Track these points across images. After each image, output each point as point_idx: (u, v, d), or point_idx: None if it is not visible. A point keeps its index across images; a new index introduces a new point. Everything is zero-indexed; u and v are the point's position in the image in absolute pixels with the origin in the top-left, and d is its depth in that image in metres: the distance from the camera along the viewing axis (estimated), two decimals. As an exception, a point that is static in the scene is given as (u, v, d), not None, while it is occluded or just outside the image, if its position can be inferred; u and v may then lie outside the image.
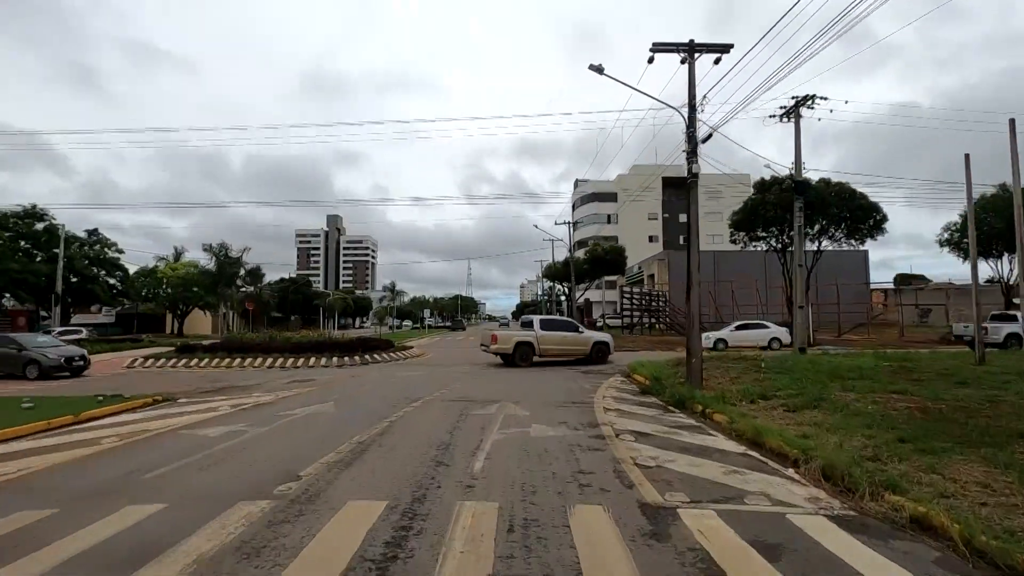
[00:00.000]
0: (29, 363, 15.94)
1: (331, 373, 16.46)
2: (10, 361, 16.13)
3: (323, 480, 5.19)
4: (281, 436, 7.35)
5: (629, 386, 13.33)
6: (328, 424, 8.08)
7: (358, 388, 12.51)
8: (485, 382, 13.54)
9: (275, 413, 8.95)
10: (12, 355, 16.18)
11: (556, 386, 12.87)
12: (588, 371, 16.53)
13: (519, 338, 17.93)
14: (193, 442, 6.97)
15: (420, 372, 16.07)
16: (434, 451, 6.35)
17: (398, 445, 6.70)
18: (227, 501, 4.51)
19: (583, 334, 19.19)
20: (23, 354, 16.14)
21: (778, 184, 26.38)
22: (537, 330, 18.21)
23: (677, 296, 41.61)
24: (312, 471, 5.49)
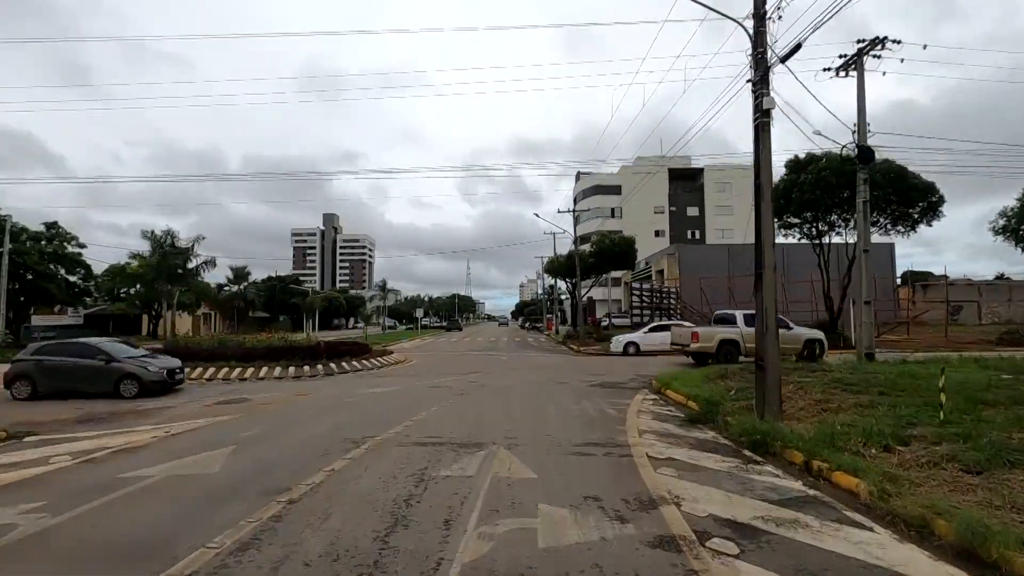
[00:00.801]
0: (125, 378, 12.39)
1: (278, 388, 13.04)
2: (98, 376, 12.42)
3: None
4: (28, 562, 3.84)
5: (665, 408, 9.92)
6: (174, 509, 4.60)
7: (293, 416, 9.05)
8: (472, 405, 10.10)
9: (114, 477, 5.46)
10: (99, 368, 12.44)
11: (566, 410, 9.45)
12: (603, 384, 13.10)
13: (723, 335, 16.54)
14: None
15: (392, 388, 12.63)
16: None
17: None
18: None
19: (793, 331, 17.14)
20: (114, 366, 12.51)
21: (815, 162, 22.98)
22: (742, 326, 16.57)
23: (689, 293, 38.18)
24: None
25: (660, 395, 11.63)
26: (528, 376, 15.00)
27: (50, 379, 12.23)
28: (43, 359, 12.38)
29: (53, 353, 12.58)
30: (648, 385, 12.99)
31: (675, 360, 19.27)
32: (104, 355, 12.60)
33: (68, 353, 12.61)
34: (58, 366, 12.33)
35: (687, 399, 10.20)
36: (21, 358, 12.64)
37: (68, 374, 12.32)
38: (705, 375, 12.90)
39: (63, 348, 12.89)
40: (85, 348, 12.87)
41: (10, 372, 12.35)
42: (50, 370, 12.28)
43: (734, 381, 11.54)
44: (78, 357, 12.47)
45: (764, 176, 8.33)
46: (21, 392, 12.07)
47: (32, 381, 12.14)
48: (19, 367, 12.39)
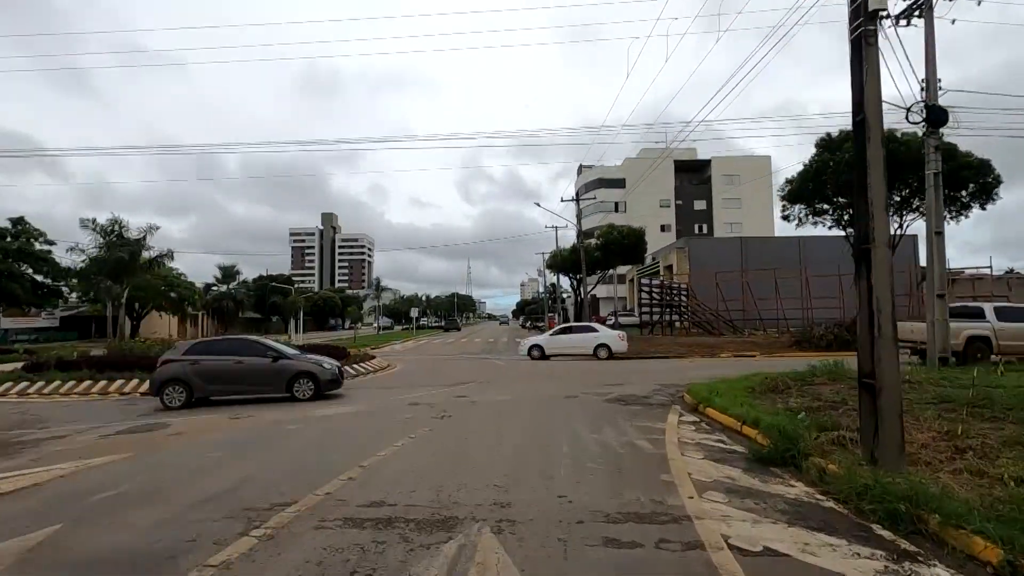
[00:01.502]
0: (300, 376, 10.96)
1: (214, 408, 10.53)
2: (268, 376, 10.97)
3: None
4: None
5: (713, 437, 7.41)
6: None
7: (193, 458, 6.40)
8: (453, 436, 7.54)
9: None
10: (268, 368, 10.96)
11: (582, 443, 6.92)
12: (622, 399, 10.58)
13: (972, 331, 14.33)
14: None
15: (356, 407, 10.01)
16: None
17: None
18: None
19: None
20: (285, 364, 11.08)
21: (852, 139, 20.40)
22: (993, 321, 14.21)
23: (699, 288, 35.62)
24: None
25: (698, 414, 9.12)
26: (530, 388, 12.49)
27: (209, 382, 10.70)
28: (199, 359, 10.76)
29: (209, 352, 11.05)
30: (678, 399, 10.48)
31: (622, 366, 16.78)
32: (273, 351, 11.20)
33: (225, 351, 11.18)
34: (219, 367, 10.76)
35: (740, 423, 7.68)
36: (171, 359, 10.93)
37: (231, 375, 10.79)
38: (749, 387, 10.39)
39: (218, 346, 11.52)
40: (246, 344, 11.56)
41: (159, 376, 10.59)
42: (209, 372, 10.69)
43: (794, 398, 9.03)
44: (239, 355, 11.02)
45: (871, 110, 5.76)
46: (175, 399, 10.43)
47: (187, 385, 10.51)
48: (170, 369, 10.60)
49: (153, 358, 14.27)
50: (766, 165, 62.27)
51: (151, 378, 10.93)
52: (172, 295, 44.39)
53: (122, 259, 21.20)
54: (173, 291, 45.16)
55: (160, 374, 10.69)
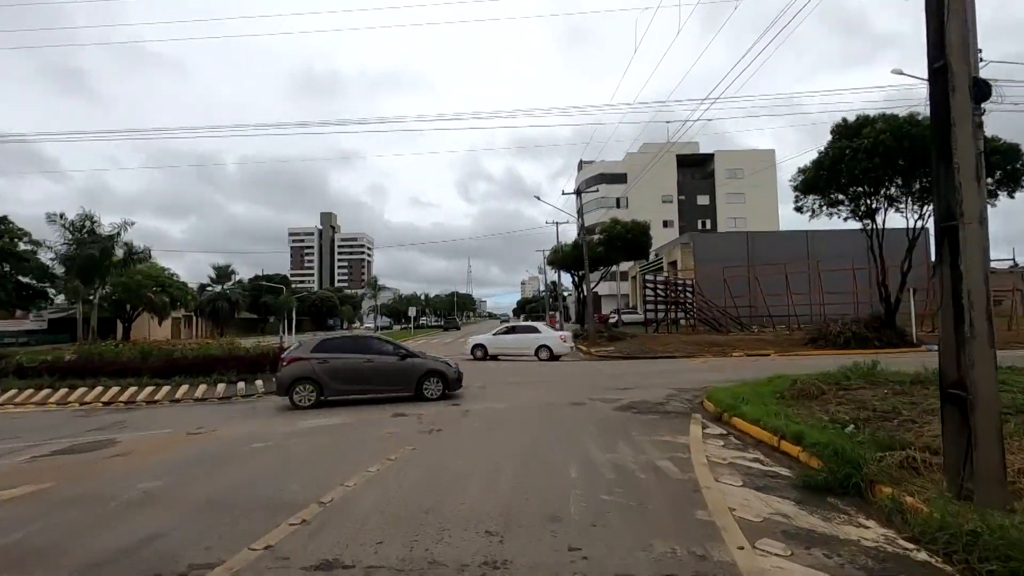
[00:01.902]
0: (429, 375, 10.57)
1: (176, 421, 9.41)
2: (397, 375, 10.51)
3: None
4: None
5: (747, 455, 6.29)
6: None
7: (114, 497, 5.18)
8: (439, 458, 6.42)
9: None
10: (397, 366, 10.54)
11: (595, 467, 5.82)
12: (634, 406, 9.46)
13: None
14: None
15: (334, 420, 8.86)
16: None
17: None
18: None
19: None
20: (414, 363, 10.68)
21: (870, 125, 19.27)
22: None
23: (705, 284, 34.47)
24: None
25: (723, 425, 8.01)
26: (530, 393, 11.39)
27: (339, 381, 10.25)
28: (328, 357, 10.28)
29: (336, 349, 10.56)
30: (697, 407, 9.37)
31: (629, 368, 15.63)
32: (400, 349, 10.89)
33: (352, 349, 10.73)
34: (349, 365, 10.35)
35: (778, 438, 6.56)
36: (299, 356, 10.45)
37: (361, 374, 10.36)
38: (776, 392, 9.28)
39: (344, 344, 11.02)
40: (372, 342, 11.21)
41: (288, 375, 10.13)
42: (339, 370, 10.23)
43: (833, 405, 7.91)
44: (368, 353, 10.60)
45: (955, 53, 4.63)
46: (304, 399, 10.00)
47: (318, 384, 10.08)
48: (299, 368, 10.14)
49: (122, 363, 13.21)
50: (770, 159, 61.07)
51: (278, 377, 10.37)
52: (164, 296, 43.23)
53: (92, 256, 19.95)
54: (165, 292, 44.03)
55: (288, 373, 10.13)
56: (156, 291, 43.57)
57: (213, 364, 12.87)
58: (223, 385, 11.97)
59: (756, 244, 39.39)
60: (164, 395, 11.48)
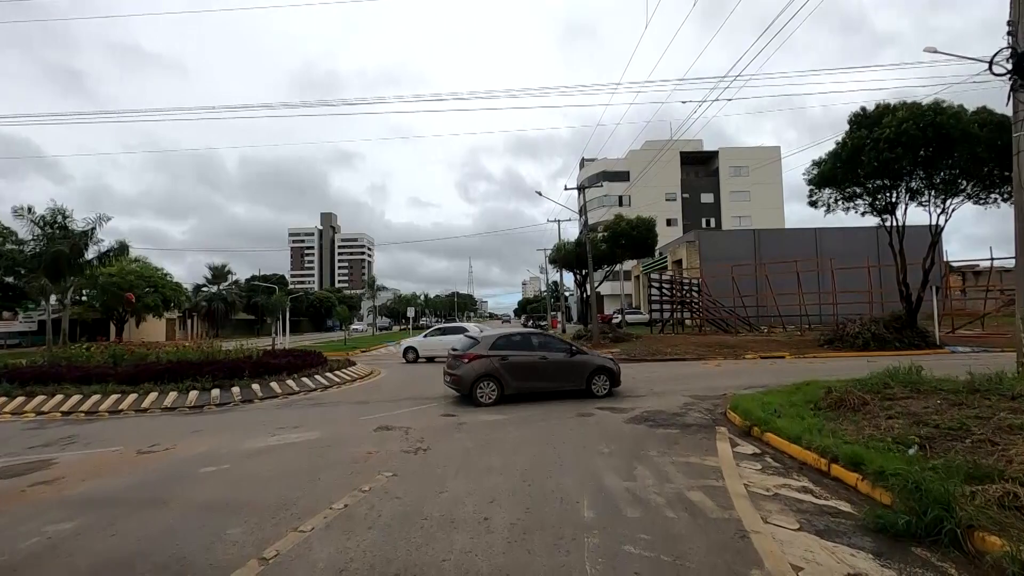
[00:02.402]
0: (598, 372, 10.61)
1: (132, 434, 8.38)
2: (568, 371, 10.51)
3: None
4: None
5: (796, 484, 5.24)
6: None
7: (13, 539, 4.21)
8: (421, 487, 5.38)
9: None
10: (567, 363, 10.56)
11: (612, 501, 4.80)
12: (649, 417, 8.42)
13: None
14: None
15: (307, 435, 7.75)
16: None
17: None
18: None
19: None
20: (583, 359, 10.75)
21: (891, 113, 18.18)
22: None
23: (714, 284, 33.39)
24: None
25: (754, 441, 6.96)
26: (530, 402, 10.32)
27: (518, 378, 10.26)
28: (507, 354, 10.34)
29: (511, 347, 10.56)
30: (720, 418, 8.32)
31: (638, 371, 14.49)
32: (568, 346, 10.94)
33: (526, 346, 10.71)
34: (527, 361, 10.39)
35: (827, 461, 5.52)
36: (480, 354, 10.39)
37: (538, 371, 10.39)
38: (808, 401, 8.22)
39: (517, 341, 10.85)
40: (544, 339, 11.17)
41: (471, 372, 10.13)
42: (517, 367, 10.28)
43: (882, 419, 6.84)
44: (541, 350, 10.66)
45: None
46: (486, 395, 10.04)
47: (499, 381, 10.13)
48: (481, 365, 10.16)
49: (88, 369, 12.18)
50: (776, 155, 59.95)
51: (462, 375, 10.22)
52: (157, 297, 42.24)
53: (61, 253, 18.66)
54: (158, 292, 43.04)
55: (471, 370, 10.15)
56: (148, 291, 42.59)
57: (187, 369, 11.80)
58: (195, 393, 10.91)
59: (763, 242, 38.32)
60: (130, 404, 10.42)
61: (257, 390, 11.43)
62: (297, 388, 12.08)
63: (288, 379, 12.43)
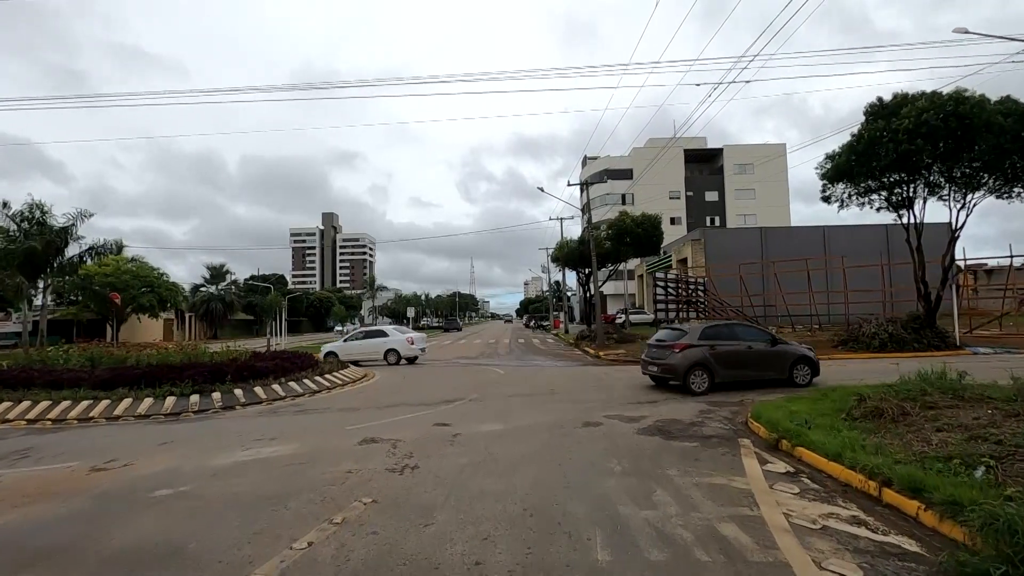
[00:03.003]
0: (800, 361, 10.95)
1: (88, 448, 7.67)
2: (769, 359, 10.88)
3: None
4: None
5: (845, 513, 4.46)
6: None
7: None
8: (398, 535, 4.64)
9: None
10: (769, 351, 10.90)
11: (626, 541, 4.02)
12: (663, 428, 7.66)
13: None
14: None
15: (286, 448, 7.02)
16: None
17: None
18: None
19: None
20: (783, 348, 11.03)
21: (910, 103, 17.34)
22: None
23: (720, 283, 32.54)
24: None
25: (784, 456, 6.19)
26: (535, 409, 9.58)
27: (726, 367, 10.65)
28: (715, 344, 10.71)
29: (719, 337, 10.88)
30: (741, 428, 7.55)
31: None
32: (769, 335, 11.24)
33: (732, 336, 11.02)
34: (733, 351, 10.75)
35: (877, 484, 4.75)
36: (691, 344, 10.75)
37: (744, 360, 10.77)
38: (839, 410, 7.44)
39: (725, 331, 11.16)
40: (747, 329, 11.51)
41: (685, 361, 10.59)
42: (725, 356, 10.68)
43: (930, 429, 6.06)
44: (746, 340, 10.97)
45: None
46: (699, 384, 10.50)
47: (709, 370, 10.55)
48: (693, 355, 10.58)
49: (59, 373, 11.42)
50: (781, 153, 59.06)
51: (675, 363, 10.58)
52: (153, 297, 41.59)
53: (34, 250, 17.87)
54: (154, 292, 42.40)
55: (684, 359, 10.57)
56: (144, 292, 41.95)
57: (167, 373, 11.05)
58: (173, 399, 10.17)
59: (770, 240, 37.48)
60: (101, 411, 9.68)
61: (240, 395, 10.69)
62: (283, 393, 11.33)
63: (274, 383, 11.68)
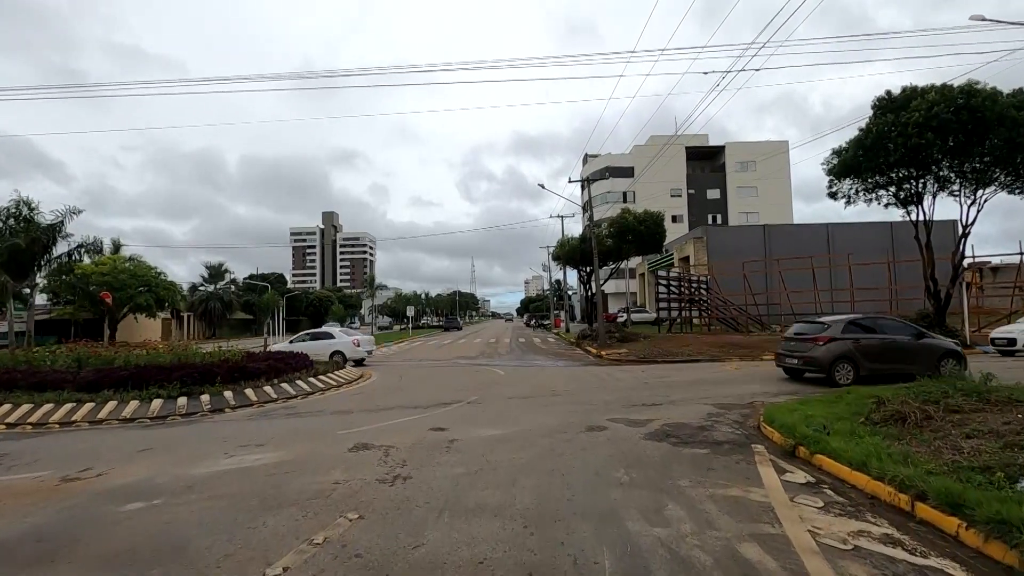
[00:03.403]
0: (947, 355, 10.96)
1: (76, 451, 7.32)
2: (914, 353, 10.87)
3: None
4: None
5: (876, 531, 4.06)
6: None
7: None
8: (383, 557, 4.27)
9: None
10: (913, 344, 11.02)
11: (637, 564, 3.58)
12: (670, 432, 7.26)
13: None
14: None
15: (271, 455, 6.69)
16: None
17: None
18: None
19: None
20: (928, 342, 11.18)
21: (921, 97, 16.91)
22: None
23: (723, 281, 32.13)
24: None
25: (802, 464, 5.79)
26: (535, 411, 9.20)
27: (871, 359, 10.78)
28: (859, 337, 10.92)
29: (862, 330, 11.08)
30: (754, 433, 7.15)
31: (651, 373, 13.23)
32: (914, 328, 11.44)
33: (873, 329, 11.22)
34: (877, 344, 10.93)
35: (909, 498, 4.35)
36: (834, 337, 10.92)
37: (888, 353, 10.89)
38: (857, 414, 7.06)
39: (868, 324, 11.37)
40: (890, 323, 11.65)
41: (829, 354, 10.78)
42: (870, 349, 10.85)
43: (959, 436, 5.66)
44: (886, 333, 11.16)
45: None
46: (844, 376, 10.62)
47: (854, 363, 10.74)
48: (838, 347, 10.79)
49: (42, 374, 11.04)
50: (783, 149, 58.58)
51: (819, 356, 10.84)
52: (150, 296, 41.18)
53: (17, 247, 17.38)
54: (151, 292, 41.99)
55: (829, 352, 10.77)
56: (142, 291, 41.57)
57: (155, 375, 10.67)
58: (159, 401, 9.79)
59: (773, 238, 37.05)
60: (84, 415, 9.30)
61: (230, 398, 10.30)
62: (275, 395, 10.94)
63: (266, 385, 11.29)
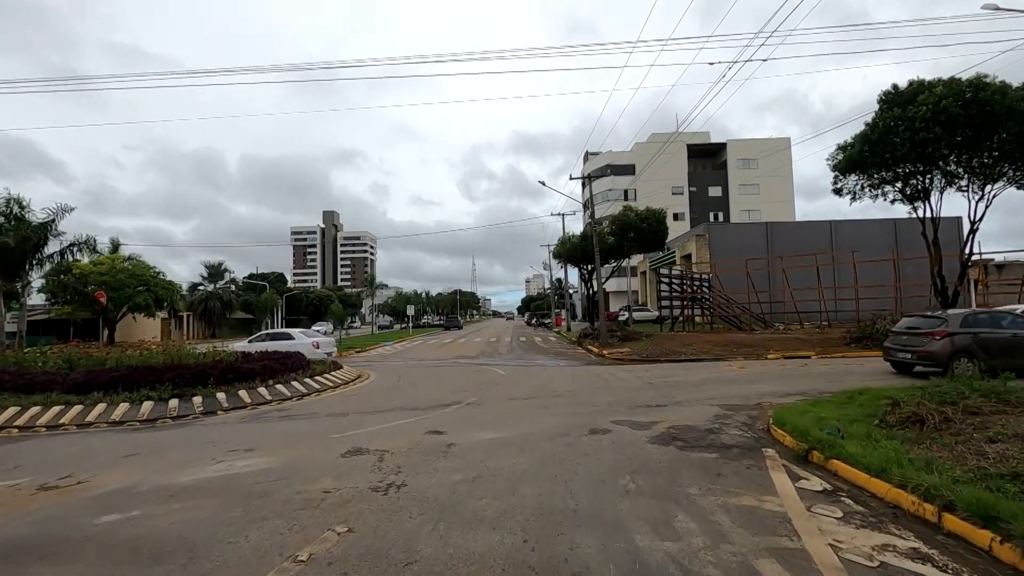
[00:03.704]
0: None
1: (60, 456, 7.09)
2: None
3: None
4: None
5: (903, 544, 3.76)
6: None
7: None
8: (372, 566, 3.99)
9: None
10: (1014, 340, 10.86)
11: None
12: (677, 436, 6.99)
13: None
14: None
15: (260, 461, 6.40)
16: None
17: None
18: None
19: None
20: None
21: (928, 90, 16.59)
22: None
23: (726, 279, 31.82)
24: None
25: (817, 470, 5.51)
26: (536, 413, 8.93)
27: (990, 354, 10.56)
28: (978, 331, 10.88)
29: (979, 324, 11.04)
30: (764, 436, 6.86)
31: (654, 373, 12.95)
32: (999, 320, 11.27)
33: (990, 324, 11.11)
34: (998, 339, 10.79)
35: (936, 508, 4.06)
36: (952, 331, 10.88)
37: (1009, 348, 10.66)
38: (873, 415, 6.77)
39: (985, 319, 11.27)
40: (1006, 317, 11.33)
41: (945, 349, 10.74)
42: (990, 344, 10.74)
43: (981, 440, 5.38)
44: (1004, 328, 10.98)
45: None
46: (963, 371, 10.21)
47: (973, 357, 10.60)
48: (958, 342, 10.75)
49: (31, 376, 10.78)
50: (785, 147, 58.21)
51: (935, 350, 10.78)
52: (148, 296, 40.92)
53: (7, 246, 17.11)
54: (150, 291, 41.74)
55: (945, 347, 10.72)
56: (140, 291, 41.31)
57: (146, 376, 10.40)
58: (150, 404, 9.52)
59: (775, 235, 36.74)
60: (72, 417, 9.04)
61: (222, 400, 10.04)
62: (270, 396, 10.67)
63: (260, 386, 11.02)
